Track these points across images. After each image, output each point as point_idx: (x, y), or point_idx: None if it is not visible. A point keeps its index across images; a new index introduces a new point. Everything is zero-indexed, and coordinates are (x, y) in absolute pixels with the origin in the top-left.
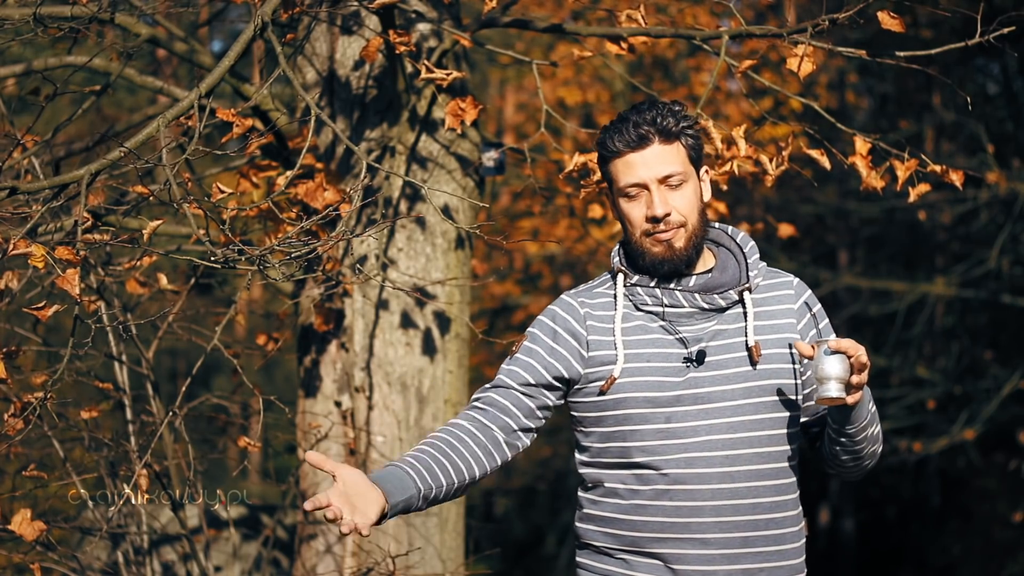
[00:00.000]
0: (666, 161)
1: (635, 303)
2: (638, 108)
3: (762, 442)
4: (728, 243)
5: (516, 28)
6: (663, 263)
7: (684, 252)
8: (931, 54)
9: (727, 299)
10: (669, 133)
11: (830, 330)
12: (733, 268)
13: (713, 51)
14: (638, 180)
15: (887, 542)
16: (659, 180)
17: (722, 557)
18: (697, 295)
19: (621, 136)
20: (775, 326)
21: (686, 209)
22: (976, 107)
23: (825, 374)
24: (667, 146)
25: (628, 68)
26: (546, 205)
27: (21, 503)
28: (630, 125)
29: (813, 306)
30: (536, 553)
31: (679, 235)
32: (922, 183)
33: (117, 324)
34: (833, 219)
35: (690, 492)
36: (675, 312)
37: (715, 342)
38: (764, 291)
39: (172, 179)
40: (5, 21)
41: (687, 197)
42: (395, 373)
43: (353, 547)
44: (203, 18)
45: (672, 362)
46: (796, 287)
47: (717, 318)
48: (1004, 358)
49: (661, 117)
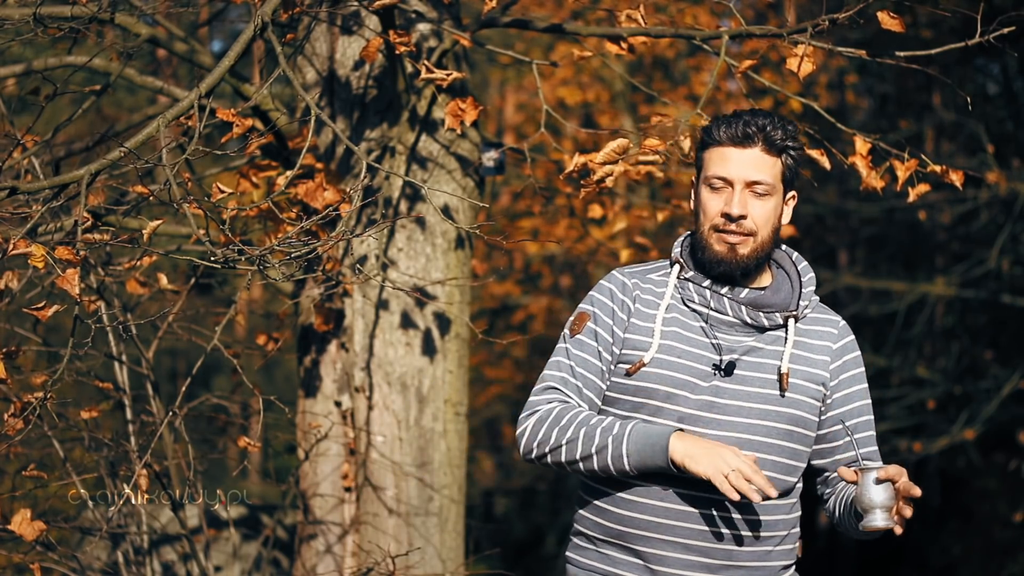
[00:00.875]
0: (760, 168)
1: (683, 297)
2: (754, 111)
3: (766, 467)
4: (788, 267)
5: (516, 28)
6: (720, 263)
7: (744, 261)
8: (931, 54)
9: (771, 320)
10: (774, 144)
11: (863, 379)
12: (786, 292)
13: (713, 51)
14: (727, 175)
15: (887, 542)
16: (747, 183)
17: (702, 565)
18: (743, 308)
19: (728, 128)
20: (810, 360)
21: (761, 220)
22: (976, 107)
23: (871, 504)
24: (767, 155)
25: (628, 68)
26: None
27: (21, 503)
28: (741, 122)
29: (851, 352)
30: (536, 553)
31: (746, 243)
32: (922, 183)
33: (117, 324)
34: (833, 219)
35: (682, 496)
36: (718, 318)
37: (748, 358)
38: (809, 323)
39: (172, 179)
40: (5, 21)
41: (767, 210)
42: (395, 373)
43: (353, 547)
44: (203, 18)
45: (702, 365)
46: (841, 329)
47: (756, 336)
48: (1004, 358)
49: (772, 127)
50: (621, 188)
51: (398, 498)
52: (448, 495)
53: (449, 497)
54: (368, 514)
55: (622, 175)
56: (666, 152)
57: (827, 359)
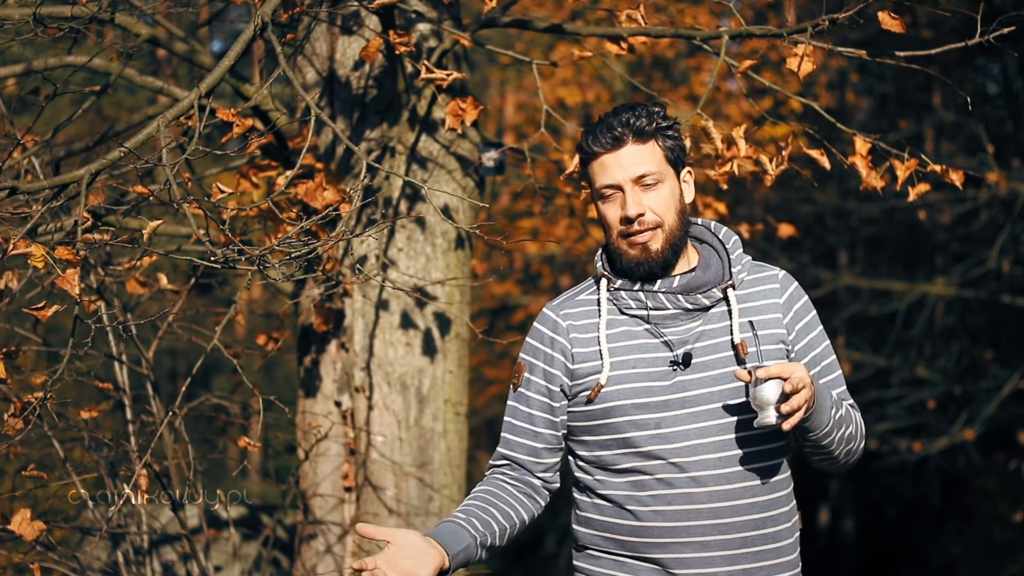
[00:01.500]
0: (640, 161)
1: (619, 307)
2: (615, 110)
3: (754, 440)
4: (711, 239)
5: (516, 28)
6: (639, 265)
7: (660, 254)
8: (931, 54)
9: (711, 298)
10: (643, 133)
11: (817, 323)
12: (716, 265)
13: (713, 51)
14: (612, 181)
15: (887, 542)
16: (633, 180)
17: (722, 559)
18: (680, 296)
19: (596, 138)
20: (762, 321)
21: (661, 209)
22: (976, 107)
23: (761, 401)
24: (641, 146)
25: (628, 68)
26: (546, 205)
27: (21, 503)
28: (605, 127)
29: (799, 299)
30: (536, 553)
31: (655, 237)
32: (922, 183)
33: (117, 324)
34: (833, 219)
35: (687, 496)
36: (660, 315)
37: (701, 343)
38: (749, 286)
39: (172, 179)
40: (5, 21)
41: (663, 197)
42: (395, 373)
43: (353, 547)
44: (203, 18)
45: (659, 366)
46: (782, 280)
47: (702, 318)
48: (1004, 358)
49: (635, 117)
50: None
51: (398, 498)
52: (448, 495)
53: (449, 497)
54: (368, 514)
55: None
56: None
57: (779, 315)
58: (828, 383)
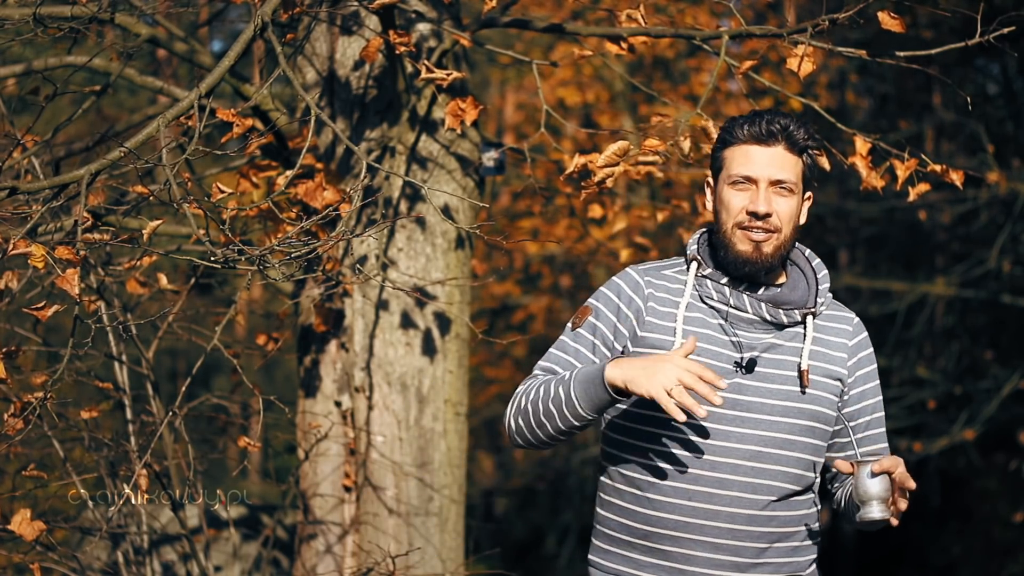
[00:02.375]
0: (784, 167)
1: (701, 295)
2: (773, 110)
3: (790, 463)
4: (803, 264)
5: (516, 28)
6: (746, 263)
7: (769, 259)
8: (931, 54)
9: (791, 317)
10: (796, 143)
11: (876, 376)
12: (803, 289)
13: (713, 51)
14: (752, 173)
15: (887, 542)
16: (771, 181)
17: (731, 564)
18: (763, 304)
19: (751, 126)
20: (828, 356)
21: (786, 217)
22: (976, 107)
23: (867, 495)
24: (789, 154)
25: (628, 68)
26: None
27: (21, 503)
28: (763, 120)
29: (866, 348)
30: (536, 553)
31: (770, 240)
32: (922, 183)
33: (117, 324)
34: (833, 219)
35: (709, 495)
36: (737, 315)
37: (768, 355)
38: (825, 320)
39: (172, 179)
40: (5, 21)
41: (790, 207)
42: (395, 373)
43: (353, 547)
44: (203, 18)
45: (722, 362)
46: (855, 326)
47: (775, 333)
48: (1004, 358)
49: (794, 126)
50: (621, 188)
51: (398, 498)
52: (448, 495)
53: (449, 497)
54: (368, 514)
55: (622, 175)
56: (666, 152)
57: (844, 356)
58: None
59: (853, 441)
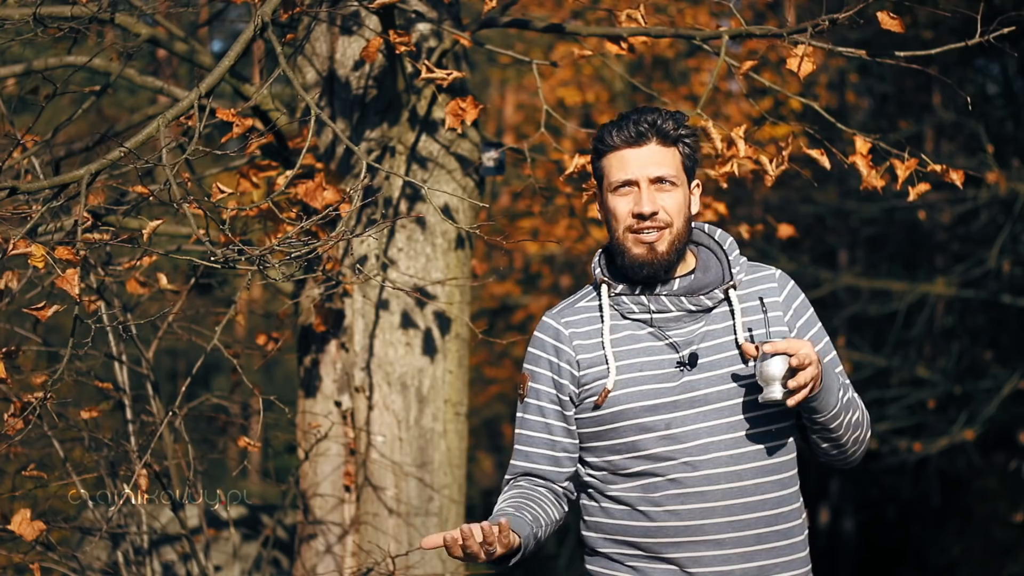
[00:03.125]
0: (660, 163)
1: (621, 312)
2: (640, 109)
3: (763, 437)
4: (708, 242)
5: (516, 28)
6: (642, 266)
7: (665, 257)
8: (931, 54)
9: (713, 299)
10: (667, 136)
11: (816, 320)
12: (716, 267)
13: (713, 51)
14: (630, 176)
15: (887, 542)
16: (651, 180)
17: (738, 556)
18: (683, 298)
19: (620, 132)
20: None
21: (673, 211)
22: (976, 107)
23: (767, 376)
24: (663, 148)
25: (628, 68)
26: (546, 205)
27: (21, 503)
28: (630, 123)
29: (796, 297)
30: (536, 553)
31: (663, 237)
32: (922, 182)
33: (117, 324)
34: (833, 219)
35: (700, 494)
36: (663, 317)
37: (706, 343)
38: (748, 286)
39: (172, 179)
40: (5, 21)
41: (676, 200)
42: (395, 373)
43: (353, 547)
44: (203, 18)
45: (665, 368)
46: (779, 279)
47: (705, 319)
48: (1004, 358)
49: (662, 120)
50: None
51: (398, 498)
52: (448, 495)
53: (449, 497)
54: (368, 514)
55: None
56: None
57: (779, 313)
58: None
59: None
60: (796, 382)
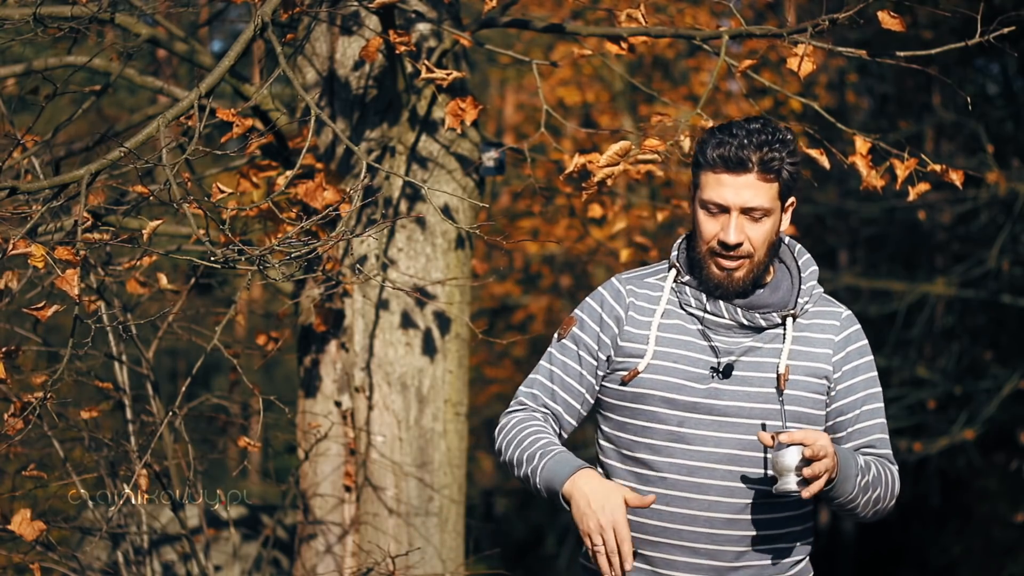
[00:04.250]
0: (757, 194)
1: (680, 301)
2: (750, 128)
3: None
4: (788, 261)
5: (515, 28)
6: (718, 287)
7: (741, 283)
8: (931, 54)
9: (768, 321)
10: (771, 168)
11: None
12: (785, 289)
13: (713, 51)
14: (722, 201)
15: (887, 542)
16: (742, 209)
17: (711, 568)
18: (739, 310)
19: (722, 152)
20: (811, 354)
21: (759, 242)
22: (976, 107)
23: (781, 467)
24: (763, 181)
25: (628, 68)
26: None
27: (21, 503)
28: (733, 147)
29: (855, 342)
30: (536, 553)
31: (743, 266)
32: (922, 182)
33: (117, 324)
34: (833, 219)
35: (685, 500)
36: (714, 320)
37: (746, 358)
38: (811, 317)
39: (172, 179)
40: (5, 21)
41: (765, 231)
42: (395, 373)
43: (353, 547)
44: (203, 18)
45: (699, 368)
46: (844, 320)
47: (754, 336)
48: (1004, 358)
49: (769, 149)
50: (621, 188)
51: (398, 498)
52: (448, 495)
53: (449, 497)
54: (368, 514)
55: (622, 174)
56: (666, 152)
57: (829, 352)
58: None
59: (847, 436)
60: (811, 471)
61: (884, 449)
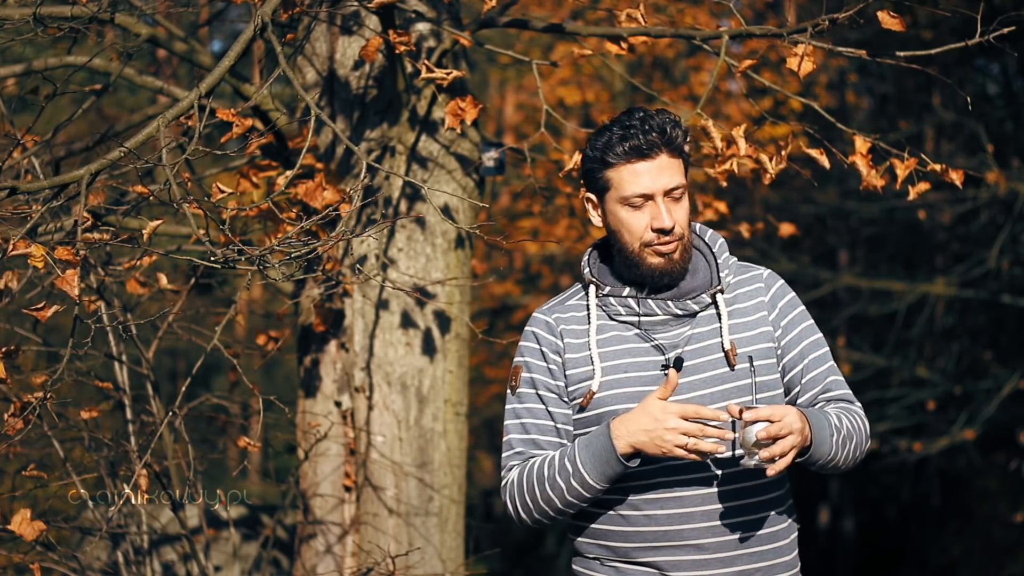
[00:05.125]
0: (673, 175)
1: (608, 313)
2: (643, 116)
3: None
4: (699, 244)
5: (515, 28)
6: (663, 275)
7: (681, 264)
8: (931, 54)
9: (700, 303)
10: (676, 146)
11: (805, 317)
12: (704, 270)
13: (713, 51)
14: (645, 190)
15: (887, 542)
16: (665, 192)
17: (717, 561)
18: (670, 302)
19: (632, 143)
20: (749, 323)
21: (684, 222)
22: (976, 107)
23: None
24: (672, 159)
25: (628, 68)
26: (546, 205)
27: (21, 503)
28: (638, 133)
29: (783, 296)
30: (536, 553)
31: (678, 247)
32: (922, 182)
33: (117, 324)
34: (833, 219)
35: (678, 499)
36: (650, 320)
37: (692, 346)
38: (736, 288)
39: (172, 179)
40: (5, 21)
41: (685, 210)
42: (395, 373)
43: (353, 547)
44: (203, 18)
45: (650, 370)
46: (766, 279)
47: (691, 322)
48: (1004, 358)
49: (670, 128)
50: None
51: (398, 498)
52: (448, 495)
53: (449, 497)
54: (368, 514)
55: None
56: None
57: (764, 313)
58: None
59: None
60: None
61: (841, 390)
